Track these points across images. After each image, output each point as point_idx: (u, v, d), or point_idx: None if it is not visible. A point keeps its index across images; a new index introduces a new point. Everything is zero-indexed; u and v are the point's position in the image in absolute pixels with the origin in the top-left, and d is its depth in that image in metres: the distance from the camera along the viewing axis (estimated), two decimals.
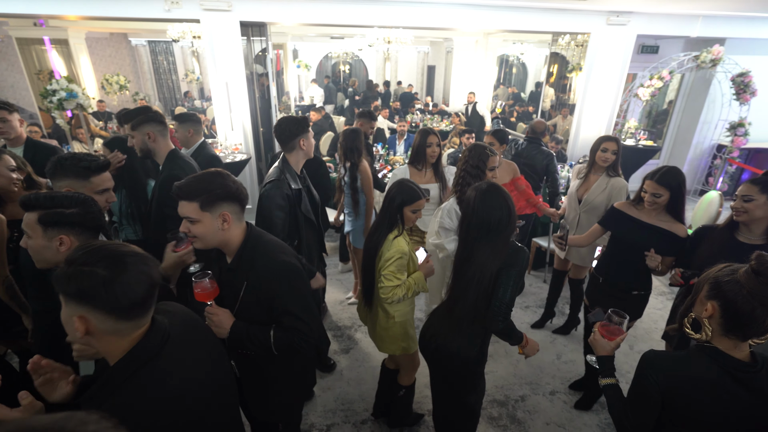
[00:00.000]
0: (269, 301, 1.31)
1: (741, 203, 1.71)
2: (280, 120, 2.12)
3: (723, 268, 1.06)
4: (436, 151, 2.63)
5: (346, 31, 10.61)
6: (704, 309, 1.05)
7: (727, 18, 5.09)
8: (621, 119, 5.55)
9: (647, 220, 1.99)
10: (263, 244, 1.34)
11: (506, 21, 4.78)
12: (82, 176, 1.53)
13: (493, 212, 1.49)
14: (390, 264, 1.76)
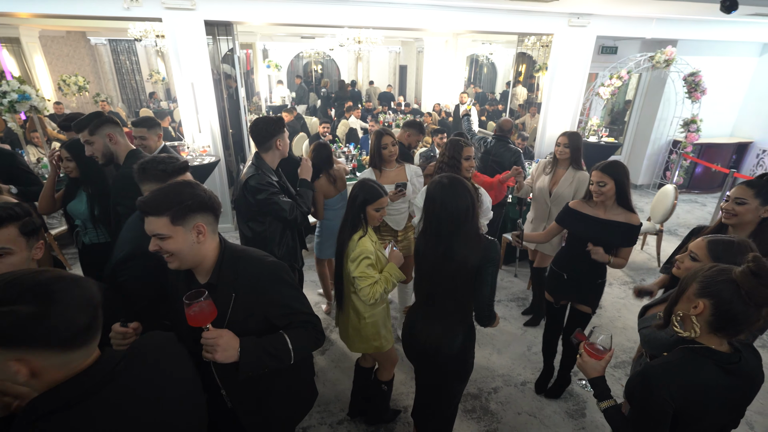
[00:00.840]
0: (266, 308, 1.23)
1: (733, 206, 1.73)
2: (256, 120, 2.12)
3: (711, 268, 1.07)
4: (392, 150, 2.61)
5: (316, 31, 10.52)
6: (692, 306, 1.05)
7: (678, 21, 5.38)
8: (585, 117, 5.78)
9: (602, 216, 2.07)
10: (242, 251, 1.27)
11: (474, 22, 4.88)
12: (161, 179, 1.50)
13: (460, 202, 1.52)
14: (358, 265, 1.76)
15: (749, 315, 0.99)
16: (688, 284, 1.08)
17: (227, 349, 1.11)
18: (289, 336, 1.23)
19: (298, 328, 1.26)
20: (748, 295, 0.98)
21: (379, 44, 8.09)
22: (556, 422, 2.41)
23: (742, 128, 6.65)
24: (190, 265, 1.18)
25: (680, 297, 1.10)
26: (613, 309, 3.53)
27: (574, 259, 2.22)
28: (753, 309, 0.98)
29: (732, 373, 1.06)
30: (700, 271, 1.07)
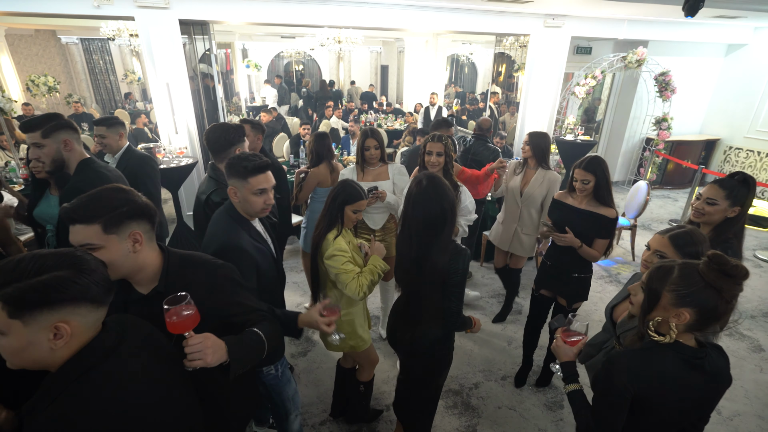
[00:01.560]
0: (221, 310, 1.20)
1: (704, 205, 1.77)
2: (213, 127, 1.97)
3: (679, 274, 1.05)
4: (373, 153, 2.61)
5: (296, 31, 10.44)
6: (675, 316, 1.05)
7: (648, 22, 5.56)
8: (562, 116, 5.91)
9: (580, 207, 2.17)
10: (189, 258, 1.23)
11: (452, 22, 4.93)
12: (242, 176, 1.52)
13: (434, 205, 1.51)
14: (334, 262, 1.76)
15: (726, 311, 1.03)
16: (657, 295, 1.07)
17: (217, 350, 1.04)
18: (259, 328, 1.21)
19: (261, 322, 1.24)
20: (731, 297, 1.01)
21: (359, 44, 8.09)
22: (535, 415, 2.46)
23: (710, 126, 6.91)
24: (124, 275, 1.12)
25: (653, 307, 1.09)
26: (589, 302, 3.62)
27: (555, 248, 2.31)
28: (728, 305, 1.02)
29: (696, 368, 1.08)
30: (667, 278, 1.06)
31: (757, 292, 3.81)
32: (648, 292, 1.09)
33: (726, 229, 1.77)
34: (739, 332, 3.23)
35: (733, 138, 6.59)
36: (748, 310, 3.53)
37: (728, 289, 1.00)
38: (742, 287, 1.02)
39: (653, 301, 1.08)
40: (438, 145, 2.37)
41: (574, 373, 1.31)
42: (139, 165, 2.54)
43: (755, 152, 6.32)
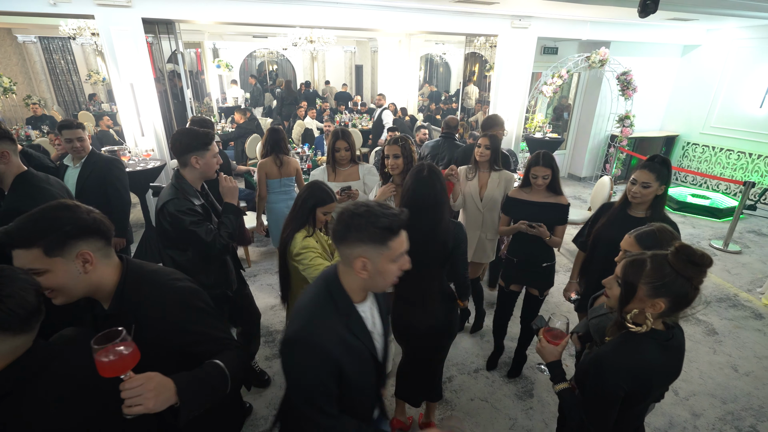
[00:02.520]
0: (177, 338, 1.09)
1: (640, 189, 1.92)
2: (178, 130, 1.93)
3: (652, 267, 1.10)
4: (344, 155, 2.62)
5: (268, 30, 10.31)
6: (651, 306, 1.11)
7: (610, 23, 5.79)
8: (531, 114, 6.08)
9: (537, 200, 2.31)
10: (149, 275, 1.12)
11: (423, 23, 4.99)
12: (378, 240, 1.04)
13: (433, 188, 1.72)
14: (304, 258, 1.77)
15: (695, 297, 1.11)
16: (633, 287, 1.12)
17: (161, 392, 0.92)
18: (221, 360, 1.09)
19: (223, 351, 1.13)
20: (699, 284, 1.09)
21: (332, 44, 8.06)
22: (506, 405, 2.54)
23: (669, 123, 7.26)
24: (81, 296, 1.04)
25: (630, 299, 1.14)
26: (558, 294, 3.74)
27: (522, 244, 2.41)
28: (696, 291, 1.10)
29: (668, 349, 1.16)
30: (641, 271, 1.11)
31: (711, 279, 4.04)
32: (624, 286, 1.15)
33: (659, 205, 2.00)
34: (695, 317, 3.42)
35: (691, 134, 6.94)
36: (703, 296, 3.73)
37: (696, 276, 1.08)
38: (707, 274, 1.10)
39: (630, 294, 1.14)
40: (394, 147, 2.32)
41: (561, 372, 1.33)
42: (107, 168, 2.47)
43: (710, 147, 6.68)
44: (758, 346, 3.09)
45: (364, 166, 2.81)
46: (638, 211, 2.03)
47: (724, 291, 3.84)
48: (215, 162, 1.86)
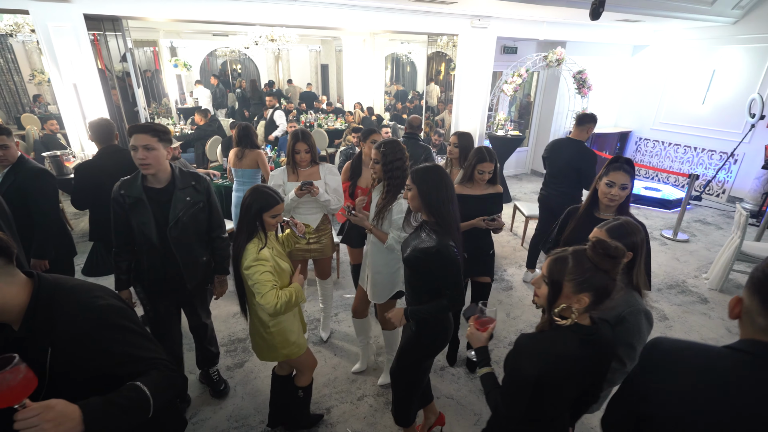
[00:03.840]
0: (98, 360, 1.02)
1: (619, 191, 1.88)
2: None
3: (574, 263, 1.14)
4: (304, 158, 2.58)
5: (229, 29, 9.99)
6: (577, 301, 1.14)
7: (565, 24, 6.00)
8: (493, 113, 6.20)
9: (479, 193, 2.44)
10: (66, 293, 1.04)
11: (384, 22, 4.98)
12: None
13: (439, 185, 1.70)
14: (252, 272, 1.69)
15: (614, 288, 1.14)
16: (560, 284, 1.16)
17: (62, 422, 0.85)
18: (143, 382, 1.02)
19: (149, 372, 1.07)
20: (616, 276, 1.12)
21: (295, 43, 7.91)
22: (471, 401, 2.56)
23: (623, 119, 7.62)
24: None
25: (557, 297, 1.18)
26: (522, 288, 3.83)
27: (469, 238, 2.43)
28: (614, 282, 1.14)
29: (588, 343, 1.19)
30: (564, 269, 1.15)
31: (663, 267, 4.26)
32: (551, 285, 1.18)
33: (626, 205, 1.96)
34: (648, 304, 3.59)
35: (642, 130, 7.31)
36: (656, 284, 3.93)
37: (613, 268, 1.12)
38: (622, 265, 1.13)
39: (557, 291, 1.17)
40: (375, 152, 2.23)
41: (487, 357, 1.39)
42: (32, 180, 2.26)
43: (660, 142, 7.06)
44: (704, 329, 3.28)
45: (325, 166, 2.77)
46: (608, 213, 1.97)
47: (674, 278, 4.06)
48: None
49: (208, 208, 2.09)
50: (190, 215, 1.98)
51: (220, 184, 4.43)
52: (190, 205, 1.98)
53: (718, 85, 6.11)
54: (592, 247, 1.12)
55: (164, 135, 1.84)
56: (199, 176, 2.06)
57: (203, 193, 2.05)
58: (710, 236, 5.07)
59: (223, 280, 2.31)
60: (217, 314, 3.34)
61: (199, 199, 2.02)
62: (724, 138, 6.10)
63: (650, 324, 1.51)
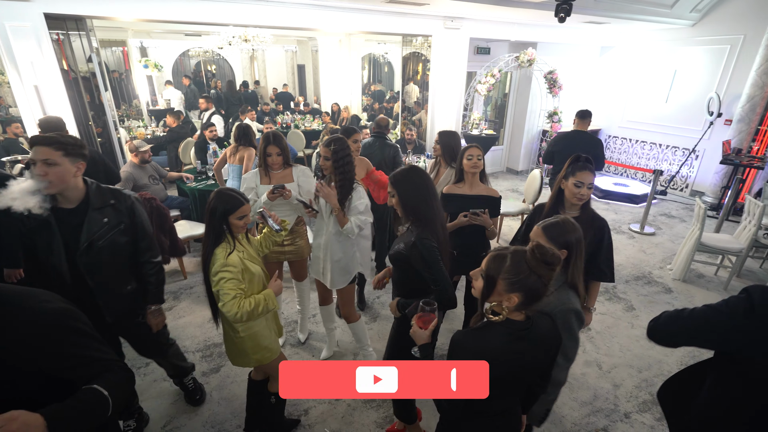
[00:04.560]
0: (50, 363, 1.01)
1: (586, 191, 1.93)
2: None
3: (511, 263, 1.16)
4: (276, 160, 2.58)
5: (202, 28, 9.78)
6: (507, 299, 1.17)
7: (535, 25, 6.15)
8: (468, 112, 6.30)
9: (470, 193, 2.41)
10: (13, 299, 1.01)
11: (358, 22, 4.99)
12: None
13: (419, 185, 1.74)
14: (219, 279, 1.66)
15: (545, 292, 1.19)
16: (494, 280, 1.18)
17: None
18: (101, 384, 1.02)
19: (102, 374, 1.06)
20: (547, 280, 1.17)
21: (269, 43, 7.82)
22: None
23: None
24: None
25: (491, 292, 1.21)
26: None
27: (460, 236, 2.46)
28: (546, 287, 1.18)
29: (521, 338, 1.22)
30: (501, 267, 1.17)
31: (630, 260, 4.43)
32: (486, 279, 1.20)
33: (589, 201, 2.02)
34: (616, 296, 3.74)
35: (611, 128, 7.57)
36: (624, 276, 4.09)
37: (546, 274, 1.15)
38: (556, 272, 1.18)
39: (491, 287, 1.20)
40: (325, 150, 2.33)
41: (430, 354, 1.44)
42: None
43: (628, 139, 7.33)
44: None
45: (298, 168, 2.76)
46: (573, 211, 2.03)
47: (641, 270, 4.23)
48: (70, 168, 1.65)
49: (131, 229, 1.83)
50: (108, 239, 1.73)
51: (194, 187, 4.36)
52: (107, 227, 1.73)
53: (679, 85, 6.40)
54: (531, 251, 1.16)
55: (72, 148, 1.61)
56: (120, 194, 1.80)
57: (125, 212, 1.79)
58: (674, 229, 5.30)
59: (156, 311, 2.01)
60: (192, 319, 3.29)
61: (118, 221, 1.76)
62: (686, 135, 6.39)
63: (581, 322, 1.52)
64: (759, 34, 5.32)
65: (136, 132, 6.93)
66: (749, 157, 5.19)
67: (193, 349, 2.96)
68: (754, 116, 5.49)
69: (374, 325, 3.29)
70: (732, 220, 5.37)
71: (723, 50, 5.81)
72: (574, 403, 2.55)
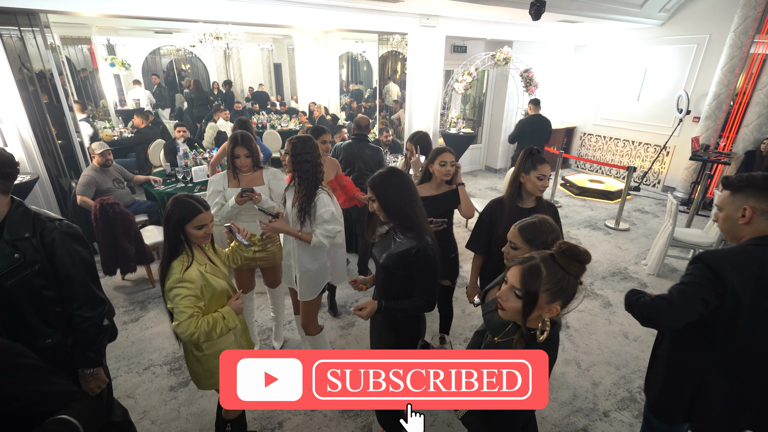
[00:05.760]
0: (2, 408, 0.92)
1: (546, 182, 2.01)
2: None
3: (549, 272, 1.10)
4: (245, 162, 2.46)
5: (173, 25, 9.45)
6: (548, 311, 1.11)
7: (511, 24, 6.18)
8: (445, 111, 6.28)
9: (437, 193, 2.37)
10: None
11: (332, 19, 4.87)
12: None
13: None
14: (174, 295, 1.53)
15: (577, 290, 1.14)
16: (536, 295, 1.10)
17: None
18: (70, 414, 0.94)
19: (69, 405, 0.98)
20: (580, 278, 1.12)
21: (243, 41, 7.61)
22: None
23: (568, 116, 7.98)
24: None
25: (533, 309, 1.11)
26: None
27: (437, 238, 2.40)
28: (579, 285, 1.13)
29: (551, 345, 1.17)
30: (539, 279, 1.10)
31: (607, 256, 4.49)
32: (526, 297, 1.10)
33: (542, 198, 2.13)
34: (593, 292, 3.77)
35: (586, 125, 7.70)
36: (600, 272, 4.13)
37: (581, 273, 1.11)
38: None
39: (533, 303, 1.11)
40: (287, 144, 2.28)
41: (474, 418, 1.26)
42: None
43: (602, 137, 7.47)
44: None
45: (269, 170, 2.65)
46: (529, 202, 2.10)
47: (617, 266, 4.29)
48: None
49: (52, 272, 1.46)
50: (18, 280, 1.40)
51: (162, 190, 4.17)
52: (19, 266, 1.39)
53: (650, 83, 6.55)
54: (562, 253, 1.10)
55: None
56: (44, 226, 1.44)
57: (41, 250, 1.42)
58: (648, 224, 5.42)
59: (93, 375, 1.58)
60: (161, 329, 3.13)
61: (33, 259, 1.41)
62: (657, 132, 6.55)
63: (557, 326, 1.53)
64: (723, 34, 5.48)
65: (102, 133, 6.62)
66: (717, 153, 5.35)
67: (160, 362, 2.81)
68: (720, 113, 5.66)
69: (352, 330, 3.20)
70: (702, 214, 5.52)
71: (690, 49, 5.98)
72: (554, 404, 2.53)
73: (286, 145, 2.22)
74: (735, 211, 1.39)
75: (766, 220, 1.33)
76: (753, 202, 1.34)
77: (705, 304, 1.34)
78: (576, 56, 7.61)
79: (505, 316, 1.18)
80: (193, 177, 4.40)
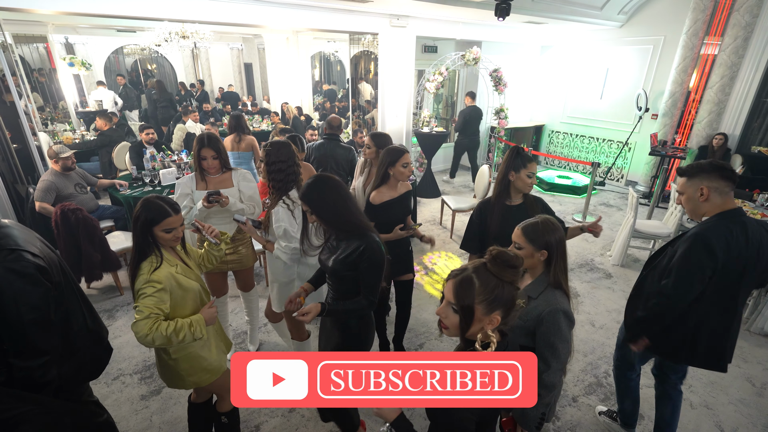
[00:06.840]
0: None
1: (534, 180, 2.10)
2: None
3: (481, 284, 1.06)
4: (212, 164, 2.42)
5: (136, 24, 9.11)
6: (489, 322, 1.07)
7: (479, 24, 6.31)
8: (418, 110, 6.35)
9: (397, 195, 2.40)
10: None
11: (301, 19, 4.84)
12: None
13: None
14: (140, 296, 1.50)
15: (517, 296, 1.10)
16: (472, 309, 1.07)
17: None
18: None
19: (19, 426, 0.95)
20: (517, 283, 1.09)
21: (211, 40, 7.44)
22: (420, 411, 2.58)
23: (537, 114, 8.23)
24: None
25: (471, 322, 1.08)
26: None
27: (390, 244, 2.42)
28: (517, 291, 1.09)
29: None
30: (472, 291, 1.07)
31: (574, 249, 4.67)
32: (462, 311, 1.08)
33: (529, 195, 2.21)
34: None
35: (553, 123, 7.96)
36: (569, 264, 4.28)
37: (515, 278, 1.08)
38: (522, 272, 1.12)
39: (470, 317, 1.08)
40: (262, 151, 2.28)
41: (408, 425, 1.14)
42: None
43: (569, 134, 7.74)
44: (609, 302, 3.65)
45: (238, 172, 2.61)
46: (517, 199, 2.16)
47: (584, 258, 4.47)
48: None
49: None
50: None
51: (128, 194, 4.03)
52: None
53: (612, 82, 6.84)
54: (492, 260, 1.08)
55: None
56: None
57: None
58: (613, 217, 5.66)
59: None
60: (130, 338, 3.04)
61: None
62: (619, 129, 6.85)
63: (571, 322, 1.50)
64: (677, 35, 5.80)
65: (62, 136, 6.32)
66: (673, 149, 5.65)
67: (130, 372, 2.73)
68: (675, 110, 5.99)
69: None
70: (661, 206, 5.82)
71: (647, 50, 6.28)
72: None
73: (262, 152, 2.20)
74: (694, 192, 1.72)
75: (719, 195, 1.67)
76: (707, 182, 1.68)
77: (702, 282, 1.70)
78: (542, 56, 7.85)
79: (449, 333, 1.13)
80: (161, 180, 4.27)
